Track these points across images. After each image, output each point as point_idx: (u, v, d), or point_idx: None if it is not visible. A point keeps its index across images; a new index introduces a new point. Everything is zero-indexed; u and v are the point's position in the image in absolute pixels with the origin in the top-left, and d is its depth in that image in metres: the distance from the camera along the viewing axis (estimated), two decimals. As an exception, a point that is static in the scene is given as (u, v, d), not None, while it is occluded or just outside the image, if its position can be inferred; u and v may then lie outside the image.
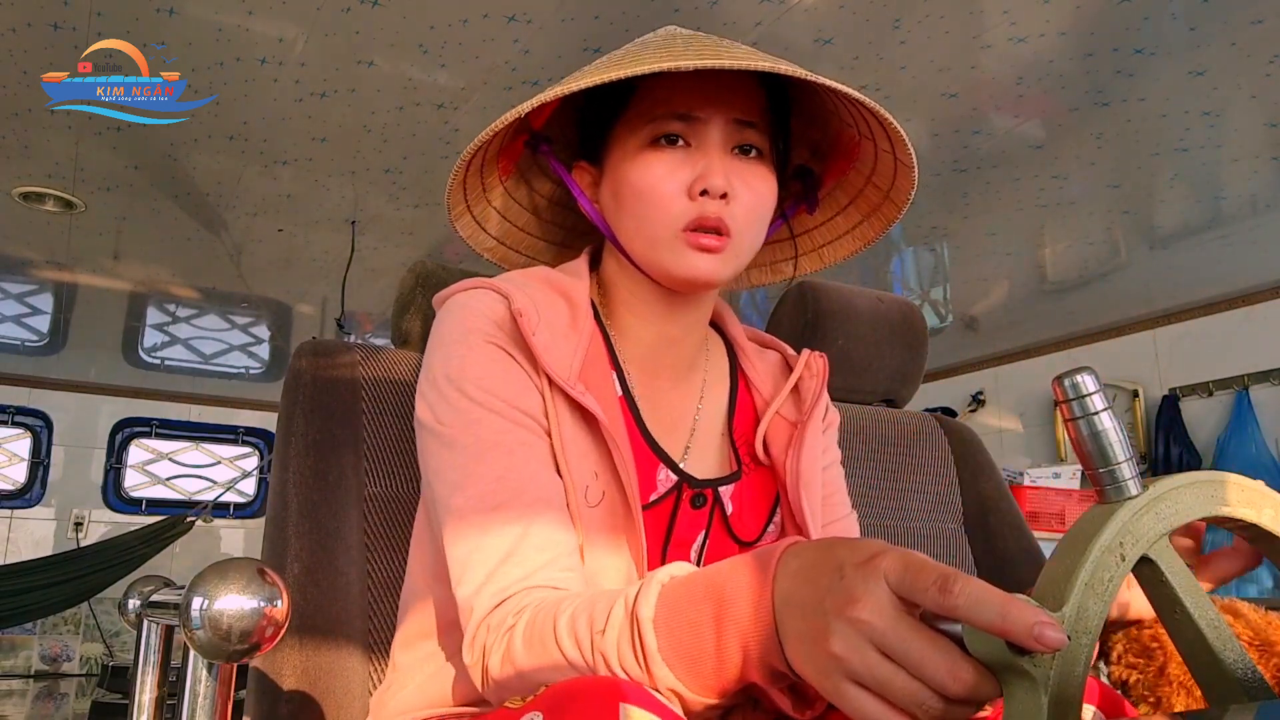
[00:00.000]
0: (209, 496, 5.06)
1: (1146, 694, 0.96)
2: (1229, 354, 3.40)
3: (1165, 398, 3.56)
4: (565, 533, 0.68)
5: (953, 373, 4.45)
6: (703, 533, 0.79)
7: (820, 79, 0.68)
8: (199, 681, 0.59)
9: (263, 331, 4.24)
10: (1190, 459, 3.43)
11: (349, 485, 0.95)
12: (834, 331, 1.26)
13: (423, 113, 2.21)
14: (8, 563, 4.27)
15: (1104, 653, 1.03)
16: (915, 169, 0.75)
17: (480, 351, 0.72)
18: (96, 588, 4.15)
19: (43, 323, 4.07)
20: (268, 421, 5.19)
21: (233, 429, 5.26)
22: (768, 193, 0.76)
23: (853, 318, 1.27)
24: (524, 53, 1.95)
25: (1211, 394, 3.44)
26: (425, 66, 2.01)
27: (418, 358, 1.03)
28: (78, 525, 4.80)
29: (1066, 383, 0.46)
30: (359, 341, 1.73)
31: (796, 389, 0.85)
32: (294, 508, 0.92)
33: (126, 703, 0.75)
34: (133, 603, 0.76)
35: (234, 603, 0.54)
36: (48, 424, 4.86)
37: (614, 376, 0.77)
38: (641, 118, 0.75)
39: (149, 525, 4.32)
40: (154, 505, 4.97)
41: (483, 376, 0.70)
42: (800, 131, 0.84)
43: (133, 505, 4.96)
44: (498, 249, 0.89)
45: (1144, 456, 3.60)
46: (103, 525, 4.85)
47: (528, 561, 0.65)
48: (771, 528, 0.82)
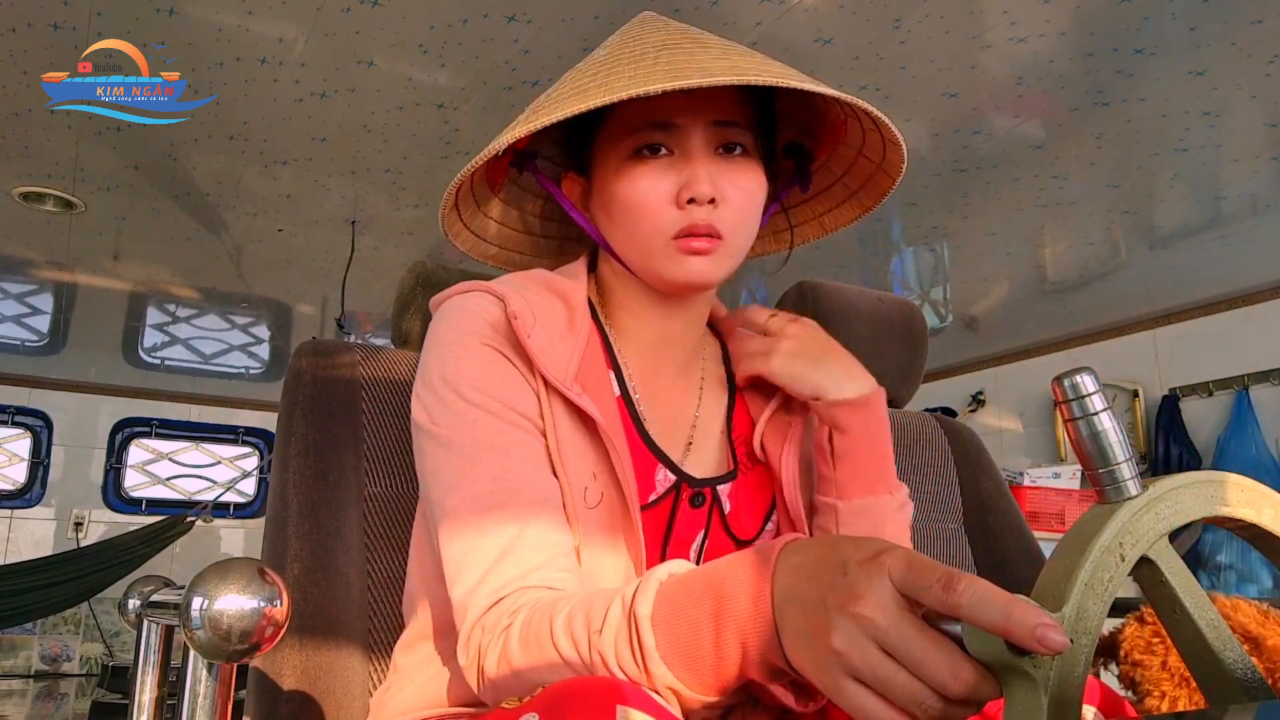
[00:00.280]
0: (209, 496, 5.05)
1: (1151, 688, 0.97)
2: (1229, 354, 3.40)
3: (1165, 398, 3.56)
4: (561, 533, 0.68)
5: (953, 373, 4.45)
6: (702, 532, 0.78)
7: (782, 81, 0.66)
8: (199, 681, 0.59)
9: (263, 331, 4.24)
10: (1190, 459, 3.42)
11: (349, 485, 0.95)
12: (834, 331, 1.24)
13: (423, 113, 2.21)
14: (8, 563, 4.26)
15: (1111, 654, 1.03)
16: (903, 145, 0.75)
17: (476, 354, 0.72)
18: (96, 588, 4.14)
19: (43, 323, 4.07)
20: (268, 421, 5.19)
21: (233, 429, 5.26)
22: (756, 189, 0.75)
23: (853, 318, 1.27)
24: (524, 53, 1.95)
25: (1211, 394, 3.44)
26: (425, 66, 2.01)
27: (417, 358, 1.03)
28: (78, 525, 4.80)
29: (1066, 383, 0.46)
30: (359, 341, 1.73)
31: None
32: (294, 508, 0.92)
33: (126, 703, 0.75)
34: (133, 603, 0.76)
35: (234, 603, 0.54)
36: (48, 424, 4.86)
37: (612, 377, 0.77)
38: (622, 129, 0.74)
39: (149, 525, 4.32)
40: (154, 505, 4.96)
41: (479, 378, 0.70)
42: (787, 111, 0.84)
43: (133, 505, 4.95)
44: (500, 254, 0.90)
45: (1144, 456, 3.59)
46: (103, 525, 4.85)
47: (523, 561, 0.65)
48: (770, 525, 0.82)
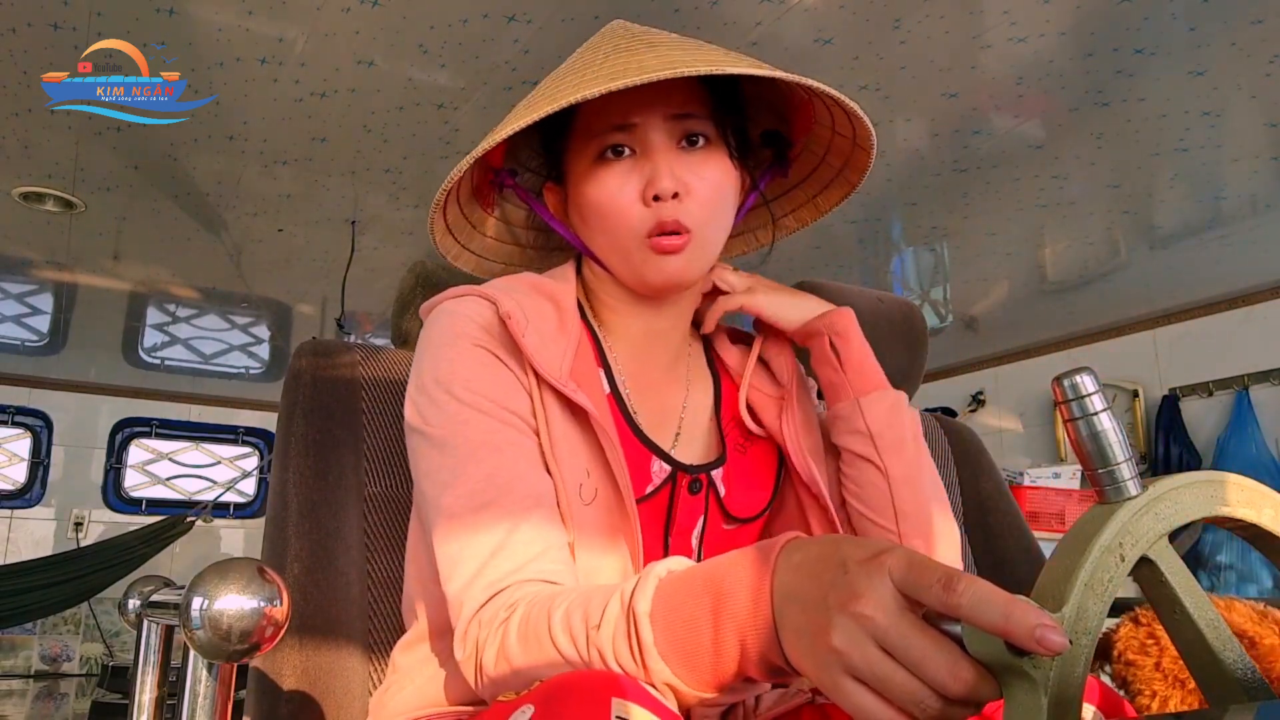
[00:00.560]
0: (209, 496, 5.05)
1: (1143, 688, 0.97)
2: (1229, 354, 3.40)
3: (1165, 398, 3.56)
4: (555, 528, 0.69)
5: (953, 373, 4.45)
6: (701, 517, 0.80)
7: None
8: (199, 681, 0.59)
9: (263, 331, 4.24)
10: (1190, 459, 3.42)
11: (349, 485, 0.95)
12: (834, 331, 1.26)
13: (423, 113, 2.21)
14: (8, 563, 4.26)
15: (1104, 653, 1.03)
16: (860, 112, 0.74)
17: (468, 355, 0.72)
18: (96, 588, 4.14)
19: (43, 323, 4.07)
20: (268, 421, 5.19)
21: (233, 429, 5.26)
22: (722, 178, 0.76)
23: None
24: (524, 53, 1.95)
25: (1211, 394, 3.44)
26: (425, 66, 2.01)
27: (418, 358, 1.03)
28: (78, 525, 4.80)
29: (1066, 383, 0.46)
30: (359, 341, 1.73)
31: (770, 369, 0.86)
32: (294, 508, 0.92)
33: (126, 703, 0.75)
34: (133, 603, 0.76)
35: (234, 603, 0.54)
36: (48, 424, 4.86)
37: (602, 375, 0.79)
38: (586, 134, 0.76)
39: (149, 525, 4.32)
40: (154, 505, 4.96)
41: (471, 379, 0.71)
42: (756, 96, 0.84)
43: (133, 505, 4.95)
44: (499, 267, 0.92)
45: (1144, 456, 3.59)
46: (103, 525, 4.85)
47: (518, 555, 0.65)
48: (778, 497, 0.83)
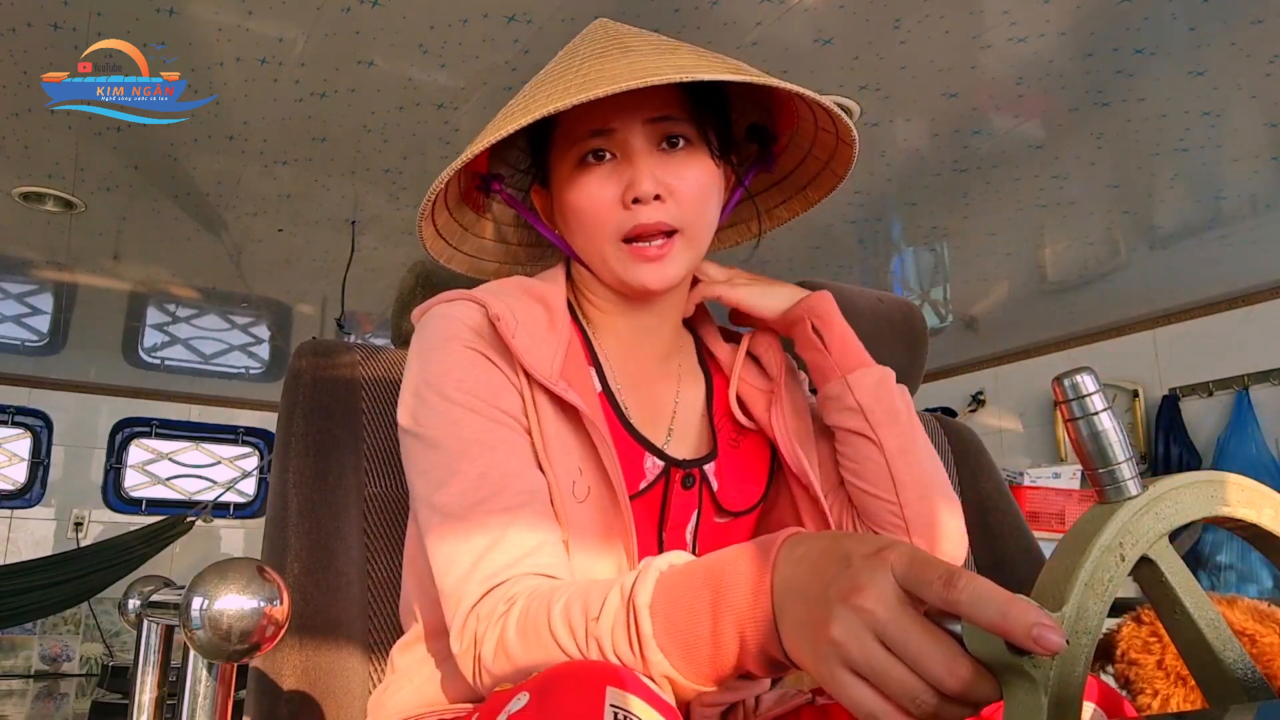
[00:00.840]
0: (209, 496, 5.05)
1: (1145, 686, 0.97)
2: (1229, 354, 3.40)
3: (1165, 398, 3.56)
4: (550, 523, 0.69)
5: (953, 373, 4.45)
6: (695, 512, 0.80)
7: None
8: (199, 681, 0.59)
9: (263, 331, 4.24)
10: (1190, 459, 3.42)
11: (349, 485, 0.95)
12: (834, 331, 1.26)
13: (423, 113, 2.21)
14: (8, 563, 4.26)
15: (1107, 653, 1.03)
16: (832, 106, 0.74)
17: (459, 356, 0.73)
18: (96, 588, 4.14)
19: (43, 323, 4.07)
20: (268, 421, 5.19)
21: (233, 429, 5.26)
22: (705, 179, 0.77)
23: (853, 318, 1.25)
24: (524, 53, 1.95)
25: (1211, 394, 3.44)
26: (425, 66, 2.01)
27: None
28: (78, 525, 4.80)
29: (1066, 383, 0.46)
30: (359, 341, 1.72)
31: (760, 364, 0.87)
32: (294, 508, 0.92)
33: (126, 703, 0.75)
34: (133, 603, 0.76)
35: (234, 603, 0.54)
36: (48, 424, 4.86)
37: (593, 373, 0.79)
38: (567, 140, 0.77)
39: (149, 525, 4.32)
40: (154, 505, 4.96)
41: (462, 379, 0.72)
42: (741, 91, 0.84)
43: (133, 505, 4.95)
44: (500, 270, 0.92)
45: (1144, 456, 3.59)
46: (102, 525, 4.85)
47: (514, 549, 0.66)
48: (771, 490, 0.83)
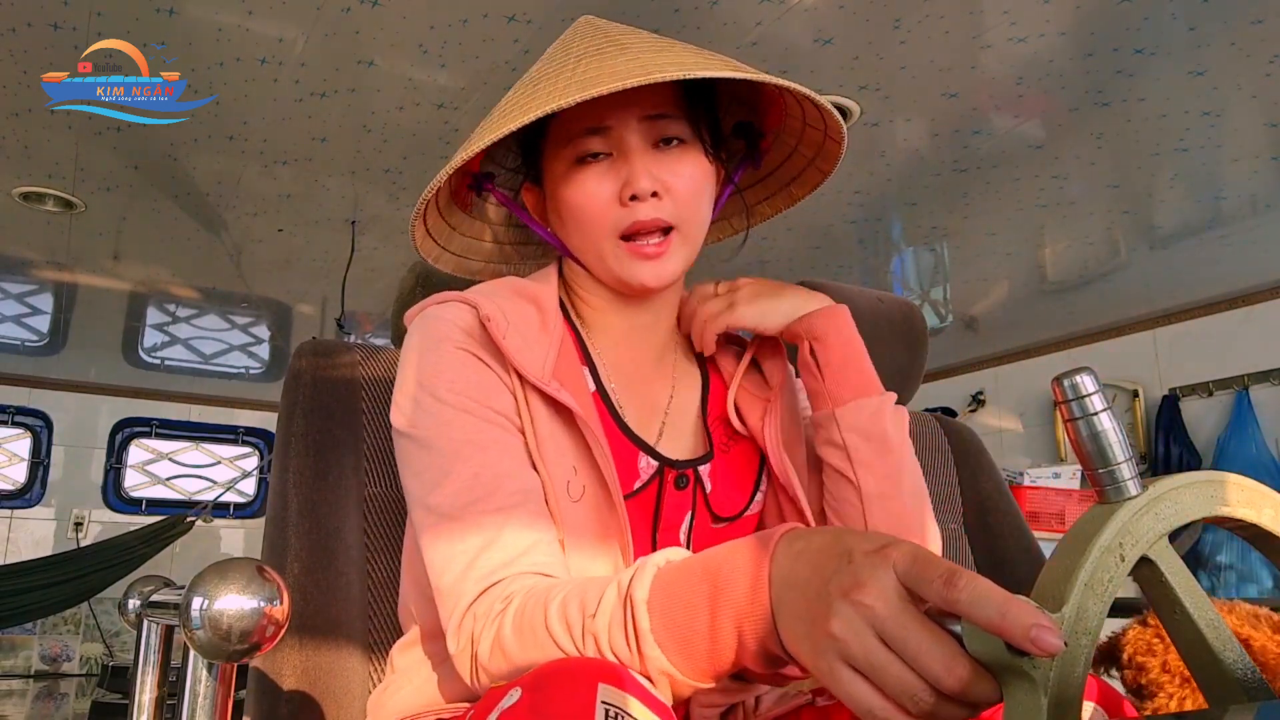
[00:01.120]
0: (209, 496, 5.05)
1: (1156, 691, 0.97)
2: (1229, 354, 3.40)
3: (1165, 398, 3.56)
4: (545, 522, 0.69)
5: (953, 373, 4.45)
6: (689, 513, 0.80)
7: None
8: (199, 681, 0.59)
9: (263, 331, 4.24)
10: (1190, 459, 3.42)
11: (349, 485, 0.95)
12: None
13: (423, 113, 2.21)
14: (8, 563, 4.26)
15: (1114, 659, 1.03)
16: (823, 101, 0.75)
17: (451, 358, 0.73)
18: (96, 588, 4.14)
19: (43, 323, 4.07)
20: (268, 421, 5.19)
21: (233, 429, 5.26)
22: (700, 176, 0.77)
23: (853, 318, 1.27)
24: (524, 53, 1.95)
25: (1211, 394, 3.44)
26: (425, 66, 2.01)
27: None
28: (78, 525, 4.80)
29: (1066, 383, 0.46)
30: (359, 341, 1.72)
31: (761, 370, 0.87)
32: (294, 508, 0.92)
33: (126, 703, 0.75)
34: (133, 603, 0.76)
35: (234, 603, 0.54)
36: (48, 424, 4.86)
37: (586, 373, 0.79)
38: (562, 138, 0.77)
39: (149, 525, 4.32)
40: (154, 505, 4.96)
41: (454, 380, 0.72)
42: (729, 89, 0.85)
43: (133, 505, 4.95)
44: (485, 269, 0.92)
45: (1144, 456, 3.59)
46: (102, 525, 4.85)
47: (509, 548, 0.66)
48: (759, 497, 0.83)
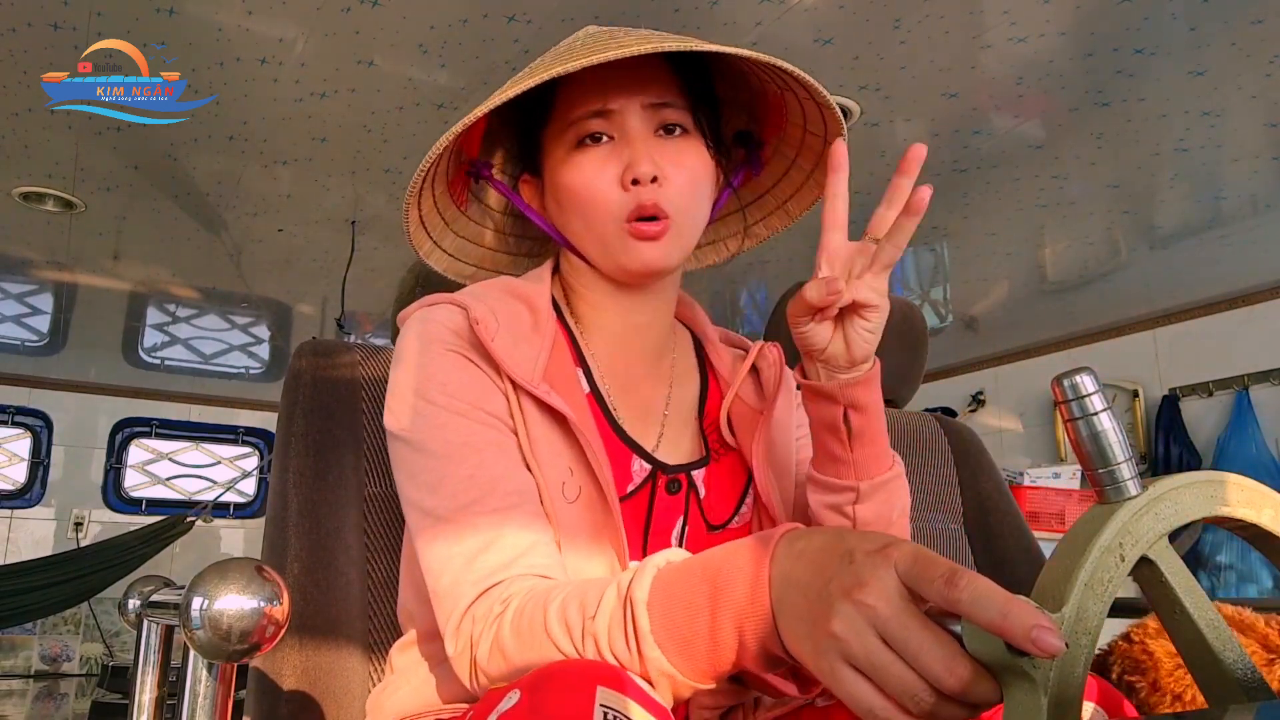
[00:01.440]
0: (209, 496, 5.06)
1: (1148, 709, 0.97)
2: (1229, 354, 3.40)
3: (1165, 398, 3.56)
4: (541, 523, 0.69)
5: (953, 373, 4.45)
6: (681, 518, 0.79)
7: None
8: (199, 681, 0.59)
9: (263, 331, 4.24)
10: (1190, 459, 3.42)
11: (349, 485, 0.95)
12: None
13: (423, 113, 2.21)
14: (8, 563, 4.26)
15: (1102, 672, 1.03)
16: (834, 105, 0.75)
17: (442, 360, 0.73)
18: (96, 588, 4.14)
19: (43, 323, 4.07)
20: (268, 421, 5.19)
21: (233, 429, 5.26)
22: (700, 167, 0.77)
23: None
24: (524, 53, 1.94)
25: (1211, 394, 3.44)
26: (425, 66, 2.01)
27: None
28: (78, 525, 4.80)
29: (1066, 383, 0.46)
30: (359, 341, 1.72)
31: (759, 379, 0.86)
32: (294, 508, 0.92)
33: (126, 703, 0.75)
34: (133, 603, 0.76)
35: (234, 603, 0.54)
36: (48, 424, 4.86)
37: (580, 374, 0.78)
38: (563, 122, 0.77)
39: (149, 525, 4.32)
40: (154, 505, 4.96)
41: (446, 383, 0.72)
42: (730, 96, 0.84)
43: (133, 505, 4.95)
44: (476, 274, 0.91)
45: (1144, 456, 3.59)
46: (102, 525, 4.85)
47: (507, 550, 0.66)
48: (744, 508, 0.83)
